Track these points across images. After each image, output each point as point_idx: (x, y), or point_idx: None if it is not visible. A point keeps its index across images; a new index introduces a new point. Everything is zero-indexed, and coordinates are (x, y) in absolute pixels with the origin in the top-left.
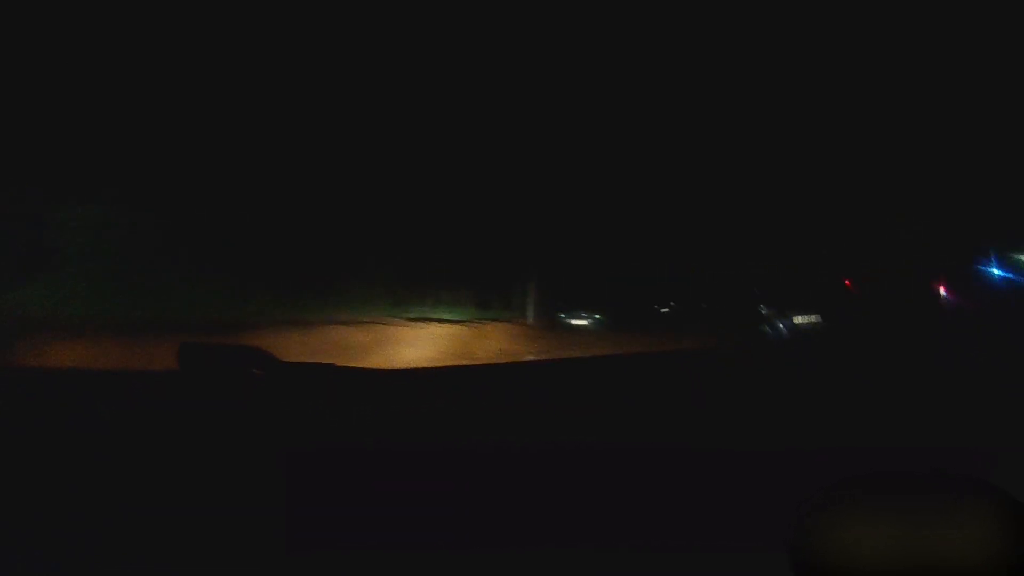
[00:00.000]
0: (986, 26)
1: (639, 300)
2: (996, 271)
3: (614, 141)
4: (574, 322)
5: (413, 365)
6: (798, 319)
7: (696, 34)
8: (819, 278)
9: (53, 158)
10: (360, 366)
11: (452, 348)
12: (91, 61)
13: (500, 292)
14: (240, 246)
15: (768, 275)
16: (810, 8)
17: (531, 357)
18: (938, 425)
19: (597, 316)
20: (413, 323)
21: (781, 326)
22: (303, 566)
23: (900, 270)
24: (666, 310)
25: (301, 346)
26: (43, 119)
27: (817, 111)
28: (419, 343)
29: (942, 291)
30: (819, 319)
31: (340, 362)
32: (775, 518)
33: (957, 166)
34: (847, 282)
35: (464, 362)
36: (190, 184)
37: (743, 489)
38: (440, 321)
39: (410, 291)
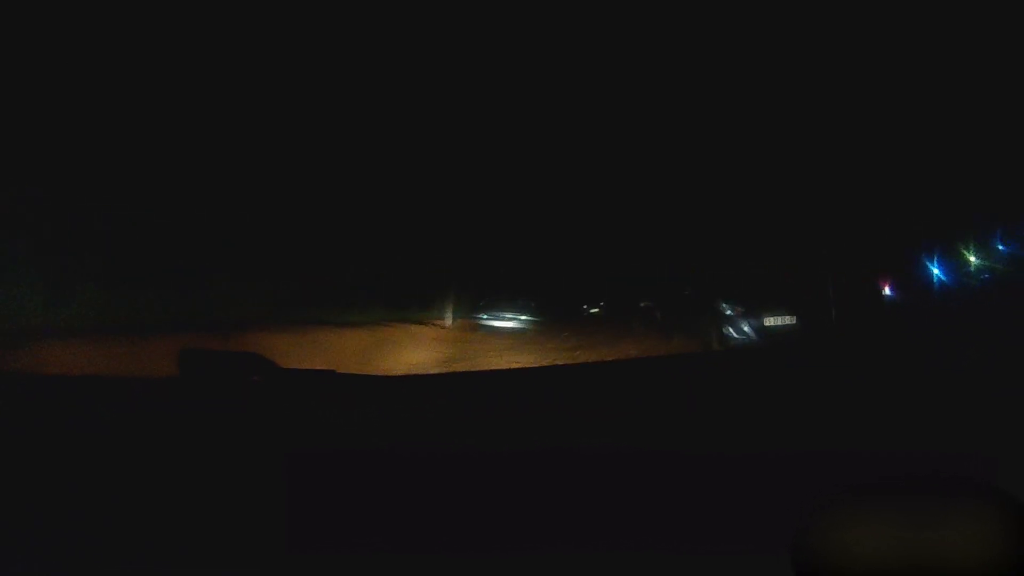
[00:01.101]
0: (921, 37)
1: (567, 300)
2: (937, 271)
3: (538, 136)
4: (496, 324)
5: None
6: (769, 320)
7: (636, 34)
8: (776, 275)
9: (48, 157)
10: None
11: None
12: (92, 61)
13: (417, 292)
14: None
15: (725, 272)
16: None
17: (436, 369)
18: (937, 427)
19: (522, 317)
20: (296, 327)
21: (747, 328)
22: (303, 566)
23: (845, 267)
24: (595, 311)
25: (130, 356)
26: (40, 117)
27: (755, 108)
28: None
29: (886, 289)
30: (794, 320)
31: None
32: (777, 520)
33: (901, 165)
34: (786, 275)
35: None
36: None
37: (744, 492)
38: (335, 324)
39: (302, 289)
